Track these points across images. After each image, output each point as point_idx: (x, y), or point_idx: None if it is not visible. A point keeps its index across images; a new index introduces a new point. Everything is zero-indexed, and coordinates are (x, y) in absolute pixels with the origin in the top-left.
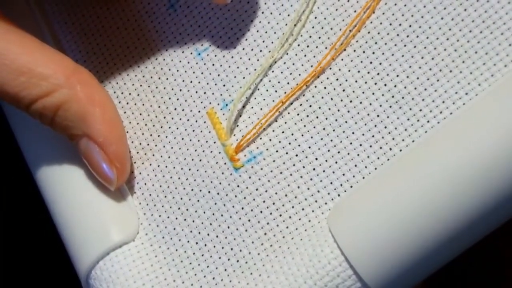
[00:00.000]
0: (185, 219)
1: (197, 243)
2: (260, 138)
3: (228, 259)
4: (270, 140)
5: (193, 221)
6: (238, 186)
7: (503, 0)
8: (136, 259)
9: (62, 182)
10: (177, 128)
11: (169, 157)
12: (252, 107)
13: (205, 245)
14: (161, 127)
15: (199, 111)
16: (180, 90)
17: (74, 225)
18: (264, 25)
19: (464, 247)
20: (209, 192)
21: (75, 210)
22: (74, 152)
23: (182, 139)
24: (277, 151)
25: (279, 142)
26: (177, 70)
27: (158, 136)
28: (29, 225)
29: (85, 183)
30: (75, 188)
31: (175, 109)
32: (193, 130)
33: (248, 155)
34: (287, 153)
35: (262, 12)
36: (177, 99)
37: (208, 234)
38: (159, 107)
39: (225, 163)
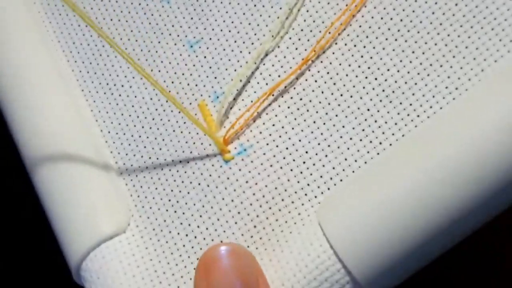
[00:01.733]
0: (175, 211)
1: (187, 235)
2: (251, 131)
3: None
4: (261, 133)
5: (183, 213)
6: (228, 178)
7: None
8: (127, 251)
9: (53, 174)
10: (169, 120)
11: (160, 149)
12: (242, 100)
13: (195, 237)
14: (153, 119)
15: (190, 103)
16: (172, 82)
17: (65, 216)
18: (256, 18)
19: (455, 240)
20: (199, 184)
21: (66, 202)
22: (66, 144)
23: (174, 131)
24: (267, 144)
25: (270, 135)
26: (170, 62)
27: (150, 128)
28: (19, 217)
29: (76, 175)
30: (66, 180)
31: (167, 101)
32: (184, 122)
33: (238, 148)
34: (277, 146)
35: (255, 5)
36: (169, 91)
37: (198, 226)
38: (151, 99)
39: (215, 156)
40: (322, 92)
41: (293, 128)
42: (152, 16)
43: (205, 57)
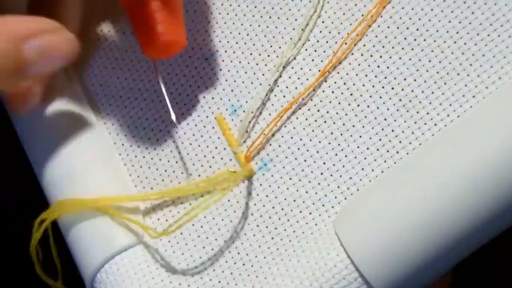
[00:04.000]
0: (192, 224)
1: (204, 247)
2: (270, 145)
3: (235, 263)
4: (280, 146)
5: (201, 226)
6: (249, 193)
7: (510, 3)
8: (142, 262)
9: (68, 186)
10: (185, 133)
11: (176, 162)
12: (260, 113)
13: (212, 249)
14: (168, 132)
15: (207, 117)
16: (187, 95)
17: (80, 228)
18: (271, 29)
19: (471, 250)
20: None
21: (81, 213)
22: (81, 156)
23: (190, 144)
24: (286, 157)
25: (289, 148)
26: (184, 75)
27: (165, 141)
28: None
29: (92, 187)
30: (82, 191)
31: (182, 114)
32: (202, 136)
33: (259, 163)
34: (296, 158)
35: (270, 17)
36: (184, 104)
37: (215, 239)
38: (166, 112)
39: (236, 171)
40: (339, 103)
41: (311, 140)
42: None
43: (221, 69)
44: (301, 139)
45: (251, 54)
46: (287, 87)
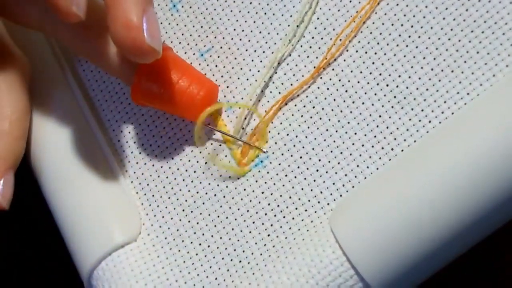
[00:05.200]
0: (189, 221)
1: (200, 244)
2: (266, 141)
3: (231, 260)
4: (276, 143)
5: (197, 223)
6: (244, 189)
7: (504, 0)
8: (139, 259)
9: (65, 183)
10: (181, 130)
11: (173, 158)
12: (256, 109)
13: (209, 246)
14: (164, 128)
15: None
16: None
17: (76, 225)
18: (266, 26)
19: (466, 247)
20: (215, 195)
21: (77, 211)
22: (77, 154)
23: (186, 140)
24: (282, 154)
25: (285, 145)
26: None
27: (161, 137)
28: (31, 226)
29: (88, 184)
30: (78, 188)
31: None
32: None
33: (255, 160)
34: (292, 155)
35: (265, 13)
36: None
37: (212, 236)
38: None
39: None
40: (334, 100)
41: (306, 137)
42: (161, 24)
43: (216, 66)
44: (296, 136)
45: (246, 50)
46: (282, 84)
